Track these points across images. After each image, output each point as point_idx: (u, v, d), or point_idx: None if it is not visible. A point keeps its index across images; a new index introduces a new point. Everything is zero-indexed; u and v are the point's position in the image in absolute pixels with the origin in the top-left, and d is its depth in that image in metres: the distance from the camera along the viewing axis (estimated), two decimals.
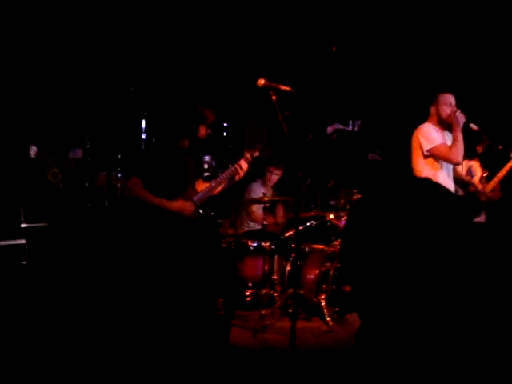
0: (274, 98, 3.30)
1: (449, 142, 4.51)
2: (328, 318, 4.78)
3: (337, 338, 4.46)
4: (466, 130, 4.49)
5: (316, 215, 5.54)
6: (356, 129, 7.31)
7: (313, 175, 6.93)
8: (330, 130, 7.20)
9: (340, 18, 6.74)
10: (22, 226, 4.68)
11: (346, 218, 5.65)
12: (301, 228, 5.35)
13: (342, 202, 5.84)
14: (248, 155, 4.28)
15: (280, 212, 6.29)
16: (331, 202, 6.72)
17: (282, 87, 3.31)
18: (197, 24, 7.00)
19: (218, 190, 4.22)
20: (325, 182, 7.01)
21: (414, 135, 4.55)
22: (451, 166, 4.63)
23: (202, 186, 4.15)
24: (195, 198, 4.00)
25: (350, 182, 6.24)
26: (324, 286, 5.00)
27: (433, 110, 4.60)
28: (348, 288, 5.11)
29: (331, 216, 5.46)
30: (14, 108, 5.85)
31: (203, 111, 4.02)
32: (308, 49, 6.97)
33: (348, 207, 5.69)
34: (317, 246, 5.36)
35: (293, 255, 5.19)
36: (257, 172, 6.53)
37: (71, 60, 6.55)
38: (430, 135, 4.49)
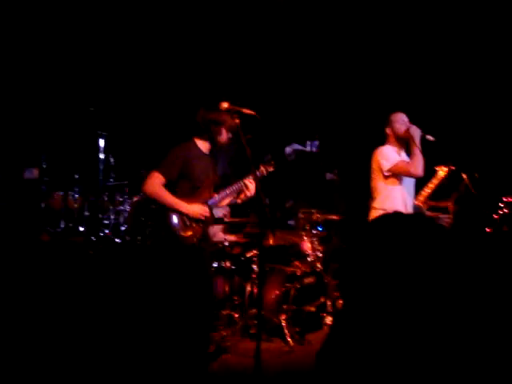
0: (237, 121, 3.34)
1: (407, 160, 4.61)
2: (289, 339, 4.79)
3: (298, 359, 4.46)
4: (423, 142, 4.59)
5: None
6: (314, 149, 7.41)
7: (271, 195, 6.99)
8: (288, 150, 7.28)
9: (298, 38, 6.85)
10: None
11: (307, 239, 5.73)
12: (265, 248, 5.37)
13: (301, 222, 5.90)
14: (263, 169, 4.14)
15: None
16: (290, 222, 6.77)
17: (245, 111, 3.35)
18: (157, 45, 7.00)
19: (226, 201, 4.12)
20: (283, 202, 7.07)
21: (374, 157, 4.63)
22: (412, 183, 4.70)
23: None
24: (210, 203, 3.95)
25: (309, 202, 6.31)
26: (285, 307, 5.02)
27: (388, 130, 4.68)
28: (309, 308, 5.16)
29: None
30: None
31: (222, 115, 3.82)
32: (266, 70, 7.06)
33: (307, 227, 5.76)
34: (277, 266, 5.38)
35: (253, 276, 5.20)
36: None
37: (28, 77, 6.44)
38: (388, 155, 4.57)
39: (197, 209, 3.84)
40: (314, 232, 5.81)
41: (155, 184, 3.71)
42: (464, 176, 5.30)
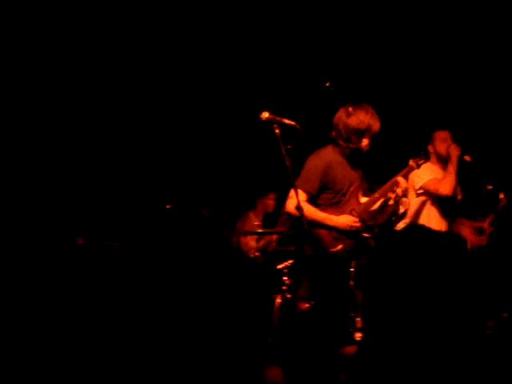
0: (277, 131, 3.33)
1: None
2: None
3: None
4: (461, 163, 4.54)
5: None
6: None
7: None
8: None
9: (335, 51, 6.83)
10: None
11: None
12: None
13: None
14: (413, 163, 3.97)
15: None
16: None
17: (287, 121, 3.34)
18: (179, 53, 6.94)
19: (377, 205, 3.85)
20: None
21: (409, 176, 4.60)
22: (449, 206, 4.63)
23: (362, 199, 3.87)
24: (359, 213, 3.74)
25: None
26: None
27: (430, 148, 4.70)
28: None
29: None
30: None
31: (368, 122, 3.68)
32: (304, 83, 7.06)
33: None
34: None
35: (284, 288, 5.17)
36: (248, 203, 6.58)
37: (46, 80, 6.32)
38: (421, 172, 4.54)
39: (345, 219, 3.68)
40: None
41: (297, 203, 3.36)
42: (502, 196, 5.24)
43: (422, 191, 4.62)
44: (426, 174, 4.59)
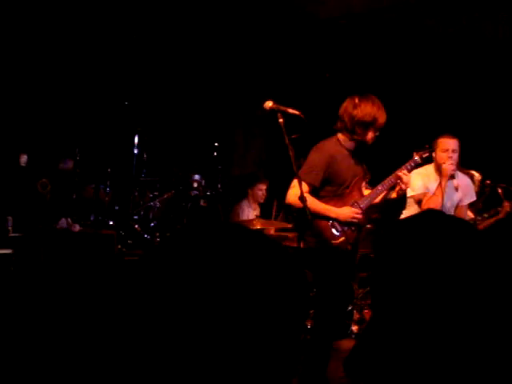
0: (281, 120, 3.28)
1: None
2: None
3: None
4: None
5: None
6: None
7: None
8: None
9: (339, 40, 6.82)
10: (11, 235, 4.59)
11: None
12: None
13: None
14: (417, 157, 3.89)
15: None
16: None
17: (291, 110, 3.29)
18: (189, 43, 7.04)
19: (380, 198, 3.81)
20: None
21: None
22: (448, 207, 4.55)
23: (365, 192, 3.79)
24: (362, 205, 3.67)
25: None
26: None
27: (434, 154, 4.37)
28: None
29: None
30: (5, 116, 5.78)
31: (374, 114, 3.59)
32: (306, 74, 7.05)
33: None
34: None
35: None
36: (239, 193, 6.54)
37: (65, 71, 6.51)
38: (413, 183, 4.29)
39: (347, 211, 3.61)
40: None
41: (299, 193, 3.29)
42: (499, 190, 5.22)
43: (412, 199, 4.57)
44: (417, 186, 4.45)
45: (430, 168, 4.51)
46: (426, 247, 1.46)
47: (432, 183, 4.45)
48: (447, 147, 4.33)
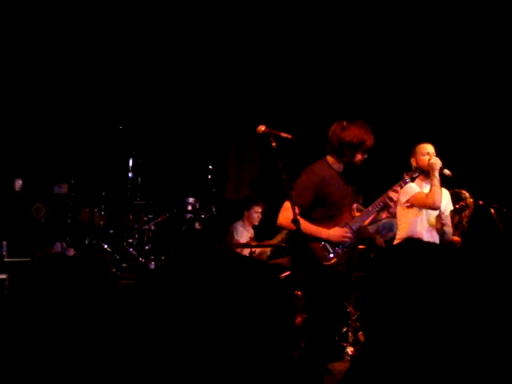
0: (273, 144, 3.32)
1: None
2: None
3: None
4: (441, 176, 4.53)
5: None
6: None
7: None
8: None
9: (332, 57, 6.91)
10: (5, 260, 4.59)
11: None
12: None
13: None
14: (407, 177, 3.97)
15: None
16: None
17: (283, 134, 3.34)
18: (182, 67, 7.11)
19: (368, 220, 3.85)
20: None
21: None
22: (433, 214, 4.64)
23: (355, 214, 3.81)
24: (353, 226, 3.70)
25: None
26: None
27: (413, 161, 4.60)
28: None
29: None
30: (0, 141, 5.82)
31: (362, 137, 3.65)
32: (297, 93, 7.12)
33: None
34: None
35: None
36: (236, 214, 6.56)
37: (60, 96, 6.56)
38: (406, 189, 4.43)
39: (338, 232, 3.64)
40: None
41: (291, 216, 3.31)
42: (492, 211, 5.26)
43: (408, 204, 4.62)
44: (409, 190, 4.58)
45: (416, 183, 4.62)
46: (410, 273, 1.50)
47: (423, 188, 4.59)
48: (426, 150, 4.55)
